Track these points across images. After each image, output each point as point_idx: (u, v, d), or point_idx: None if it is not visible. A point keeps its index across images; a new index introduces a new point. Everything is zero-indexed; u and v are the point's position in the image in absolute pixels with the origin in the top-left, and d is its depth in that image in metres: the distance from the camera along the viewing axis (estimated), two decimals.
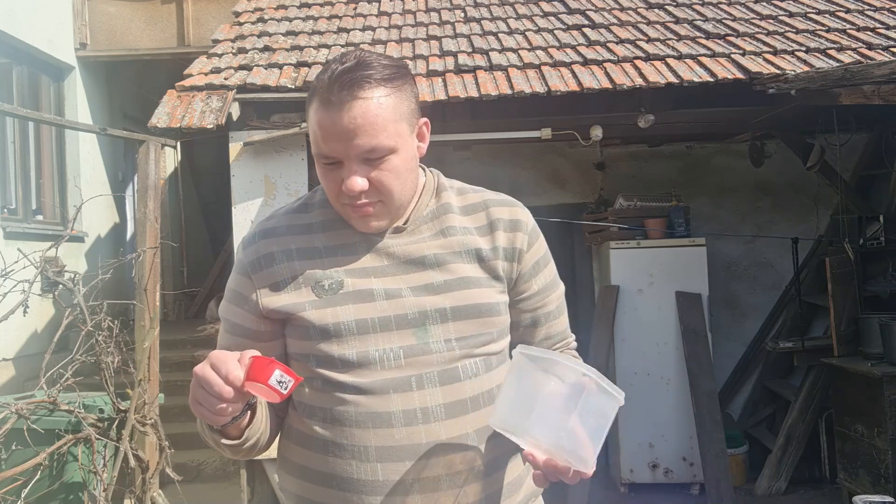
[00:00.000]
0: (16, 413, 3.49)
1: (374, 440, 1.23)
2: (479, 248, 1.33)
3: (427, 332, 1.26)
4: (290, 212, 1.39)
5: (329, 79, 1.22)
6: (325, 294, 1.27)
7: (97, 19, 7.25)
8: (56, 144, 6.90)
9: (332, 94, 1.20)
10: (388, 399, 1.23)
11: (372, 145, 1.21)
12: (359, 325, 1.25)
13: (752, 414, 5.82)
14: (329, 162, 1.24)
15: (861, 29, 5.02)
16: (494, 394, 1.28)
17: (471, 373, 1.27)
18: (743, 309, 5.95)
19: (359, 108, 1.20)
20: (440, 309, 1.27)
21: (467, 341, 1.28)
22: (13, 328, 5.25)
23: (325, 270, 1.29)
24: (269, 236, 1.34)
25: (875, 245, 4.90)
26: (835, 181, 5.21)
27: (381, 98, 1.21)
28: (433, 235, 1.33)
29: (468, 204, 1.38)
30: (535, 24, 5.43)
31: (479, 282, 1.31)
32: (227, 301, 1.37)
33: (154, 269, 4.15)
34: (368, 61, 1.23)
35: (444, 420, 1.23)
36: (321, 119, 1.22)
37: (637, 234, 5.24)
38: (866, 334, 4.57)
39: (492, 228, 1.35)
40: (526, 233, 1.38)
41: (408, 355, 1.25)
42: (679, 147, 6.01)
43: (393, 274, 1.29)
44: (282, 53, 4.93)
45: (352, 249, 1.31)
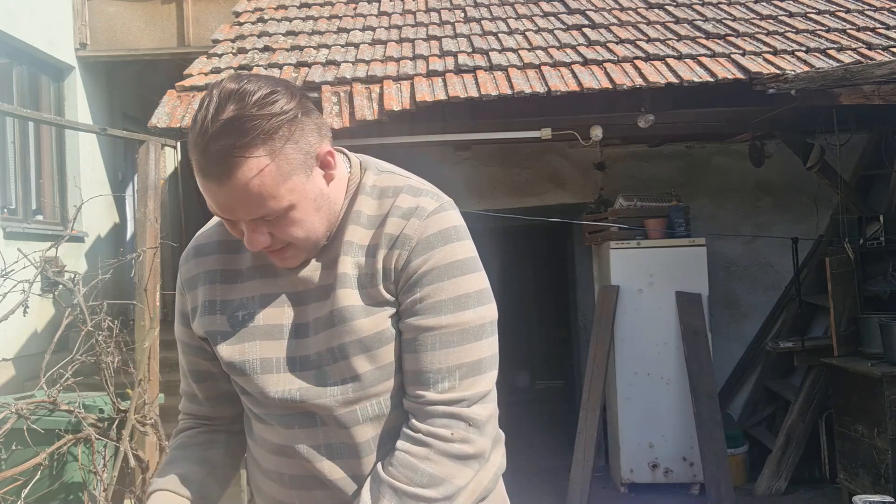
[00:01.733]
0: (16, 413, 3.49)
1: (288, 469, 1.26)
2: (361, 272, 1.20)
3: (325, 374, 1.20)
4: (221, 225, 1.29)
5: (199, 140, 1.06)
6: (238, 325, 1.24)
7: (97, 19, 7.25)
8: (56, 144, 6.90)
9: (205, 161, 1.07)
10: (294, 434, 1.23)
11: (260, 214, 1.11)
12: (263, 364, 1.23)
13: (752, 414, 5.82)
14: (226, 219, 1.16)
15: (861, 29, 5.02)
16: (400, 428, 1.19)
17: (371, 414, 1.20)
18: (743, 309, 5.96)
19: (236, 185, 1.07)
20: (330, 349, 1.19)
21: (361, 381, 1.18)
22: (13, 328, 5.24)
23: (242, 298, 1.26)
24: (199, 255, 1.32)
25: (875, 245, 4.90)
26: (835, 181, 5.21)
27: (261, 168, 1.06)
28: (342, 254, 1.21)
29: (376, 214, 1.21)
30: (535, 24, 5.43)
31: (365, 310, 1.18)
32: (176, 319, 1.37)
33: (154, 269, 4.15)
34: (240, 116, 1.04)
35: (348, 458, 1.22)
36: (202, 186, 1.10)
37: (637, 234, 5.24)
38: (866, 334, 4.57)
39: (377, 247, 1.19)
40: (407, 249, 1.17)
41: (305, 399, 1.20)
42: (679, 147, 6.01)
43: (303, 304, 1.23)
44: (282, 53, 4.93)
45: (270, 271, 1.25)
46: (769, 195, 5.96)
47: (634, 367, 5.16)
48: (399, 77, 4.53)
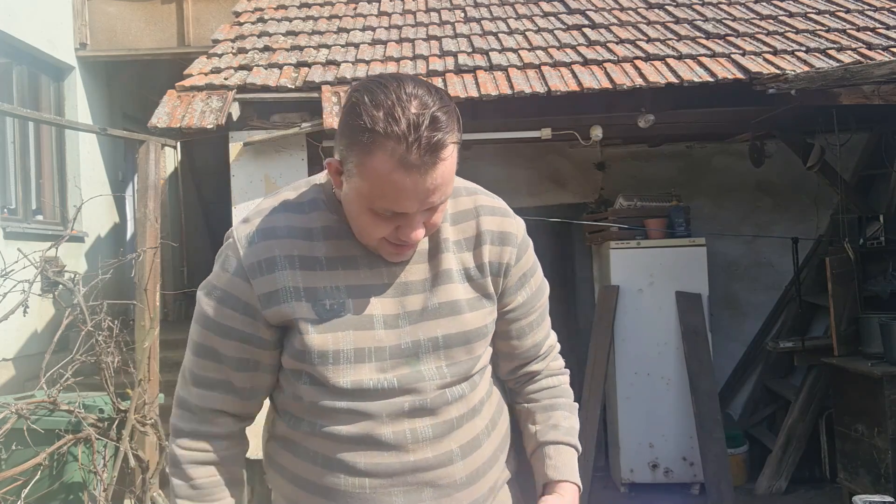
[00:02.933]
0: (16, 413, 3.49)
1: (364, 459, 1.26)
2: (468, 265, 1.31)
3: (419, 361, 1.27)
4: (286, 210, 1.30)
5: (409, 136, 1.11)
6: (326, 315, 1.24)
7: (97, 19, 7.25)
8: (56, 144, 6.90)
9: (411, 154, 1.11)
10: (381, 423, 1.25)
11: (443, 199, 1.20)
12: (356, 354, 1.24)
13: (753, 414, 5.82)
14: (388, 215, 1.19)
15: (861, 29, 5.01)
16: (478, 409, 1.33)
17: (458, 395, 1.29)
18: (743, 309, 5.95)
19: (440, 170, 1.15)
20: (433, 339, 1.27)
21: (457, 368, 1.29)
22: (13, 328, 5.24)
23: (326, 286, 1.25)
24: (269, 237, 1.26)
25: (875, 245, 4.90)
26: (835, 181, 5.21)
27: (453, 153, 1.17)
28: (430, 252, 1.30)
29: (459, 210, 1.34)
30: (535, 24, 5.43)
31: (472, 304, 1.30)
32: (220, 303, 1.27)
33: (154, 269, 4.15)
34: (435, 116, 1.13)
35: (431, 440, 1.27)
36: (399, 180, 1.13)
37: (637, 234, 5.24)
38: (866, 334, 4.57)
39: (479, 241, 1.32)
40: (515, 246, 1.35)
41: (401, 384, 1.25)
42: (679, 147, 6.01)
43: (392, 296, 1.27)
44: (282, 53, 4.93)
45: (352, 263, 1.27)
46: (769, 195, 5.96)
47: (634, 367, 5.16)
48: None
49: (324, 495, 1.28)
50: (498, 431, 1.39)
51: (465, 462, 1.29)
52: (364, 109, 1.13)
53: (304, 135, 4.40)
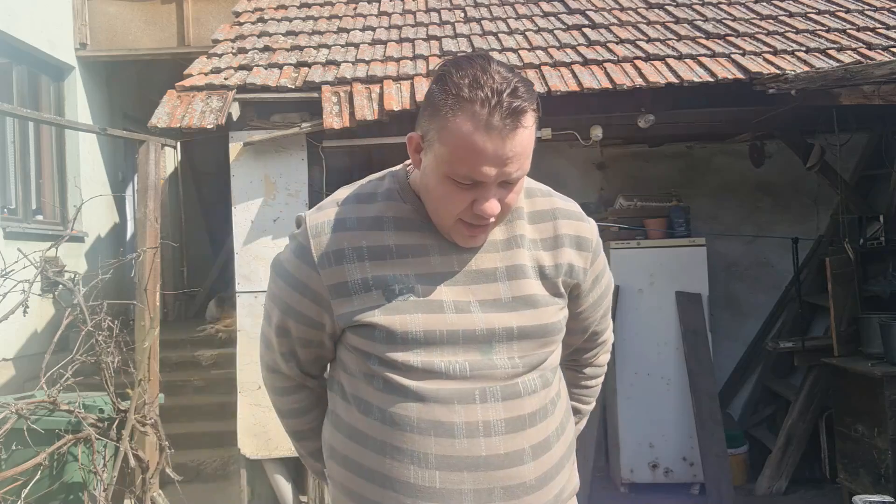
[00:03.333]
0: (16, 413, 3.49)
1: (435, 448, 1.24)
2: (545, 264, 1.34)
3: (492, 349, 1.27)
4: (358, 201, 1.34)
5: (492, 98, 1.16)
6: (395, 299, 1.26)
7: (97, 19, 7.25)
8: (56, 144, 6.90)
9: (494, 117, 1.15)
10: (452, 409, 1.24)
11: (521, 171, 1.22)
12: (427, 336, 1.25)
13: (753, 414, 5.82)
14: (466, 183, 1.21)
15: (861, 29, 5.01)
16: (549, 409, 1.32)
17: (530, 389, 1.29)
18: (743, 309, 5.95)
19: (520, 137, 1.18)
20: (507, 328, 1.28)
21: (529, 359, 1.29)
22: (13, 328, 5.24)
23: (395, 274, 1.27)
24: (339, 229, 1.30)
25: (875, 245, 4.90)
26: (835, 181, 5.21)
27: (532, 125, 1.21)
28: (505, 244, 1.32)
29: (536, 210, 1.38)
30: (535, 24, 5.43)
31: (545, 300, 1.32)
32: (288, 286, 1.33)
33: (154, 269, 4.15)
34: (517, 86, 1.18)
35: (503, 435, 1.25)
36: (479, 142, 1.16)
37: (637, 234, 5.24)
38: (866, 334, 4.57)
39: (557, 244, 1.36)
40: (590, 250, 1.40)
41: (473, 369, 1.25)
42: (679, 147, 6.01)
43: (463, 284, 1.29)
44: (282, 53, 4.93)
45: (422, 251, 1.29)
46: (769, 195, 5.96)
47: (634, 367, 5.16)
48: (399, 77, 4.53)
49: (392, 488, 1.26)
50: (566, 437, 1.38)
51: (536, 463, 1.28)
52: (450, 78, 1.19)
53: (304, 135, 4.40)
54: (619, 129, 4.82)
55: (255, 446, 4.31)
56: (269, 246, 4.41)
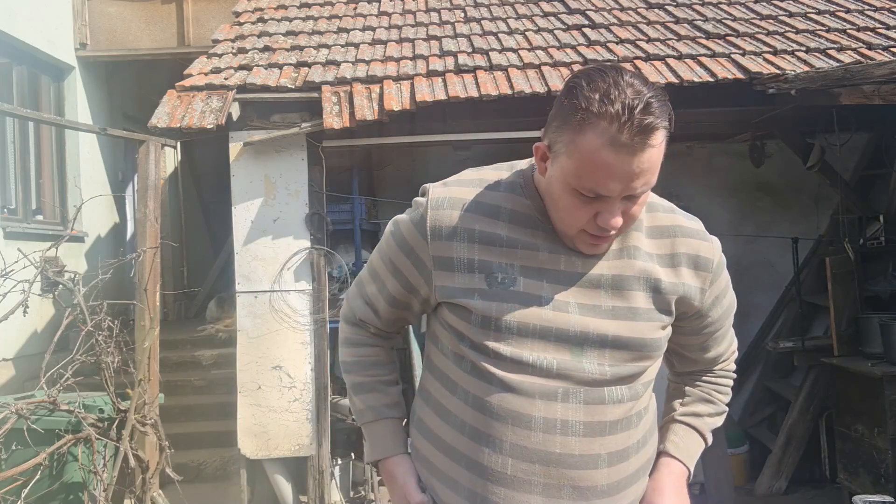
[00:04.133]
0: (16, 413, 3.49)
1: (511, 437, 1.26)
2: (659, 278, 1.32)
3: (583, 353, 1.27)
4: (481, 185, 1.35)
5: (622, 115, 1.14)
6: (496, 286, 1.27)
7: (97, 19, 7.25)
8: (56, 144, 6.90)
9: (623, 134, 1.15)
10: (533, 403, 1.25)
11: (647, 187, 1.23)
12: (520, 327, 1.26)
13: (753, 414, 5.81)
14: (591, 196, 1.21)
15: (861, 29, 5.01)
16: (633, 421, 1.32)
17: (616, 398, 1.28)
18: (743, 309, 5.86)
19: (647, 154, 1.18)
20: (601, 335, 1.27)
21: (619, 369, 1.28)
22: (13, 328, 5.24)
23: (501, 262, 1.29)
24: (457, 208, 1.32)
25: (875, 245, 4.90)
26: (835, 181, 5.21)
27: (662, 141, 1.20)
28: (616, 253, 1.31)
29: (657, 225, 1.37)
30: (535, 24, 5.43)
31: (649, 315, 1.31)
32: (397, 245, 1.37)
33: (154, 269, 4.16)
34: (650, 102, 1.16)
35: (580, 437, 1.26)
36: (607, 158, 1.16)
37: None
38: (866, 334, 4.57)
39: (674, 262, 1.34)
40: (710, 271, 1.37)
41: (560, 368, 1.26)
42: (679, 147, 6.00)
43: (566, 285, 1.29)
44: (282, 53, 4.93)
45: (532, 247, 1.30)
46: (769, 195, 5.96)
47: None
48: (399, 77, 4.53)
49: (466, 466, 1.29)
50: (646, 451, 1.38)
51: (611, 470, 1.28)
52: (580, 92, 1.18)
53: (304, 135, 4.40)
54: None
55: (255, 446, 4.31)
56: (269, 246, 4.41)
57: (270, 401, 4.33)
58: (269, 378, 4.35)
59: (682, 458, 1.43)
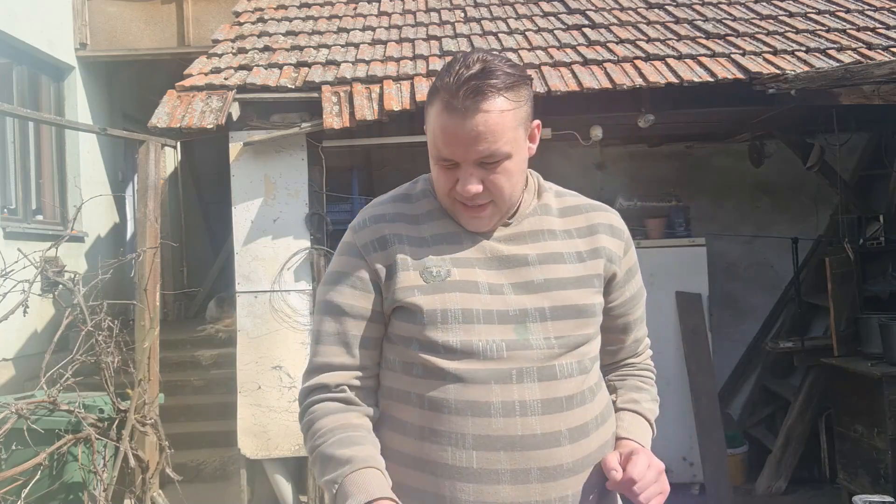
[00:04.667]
0: (16, 413, 3.49)
1: (472, 428, 1.26)
2: (581, 250, 1.39)
3: (527, 329, 1.31)
4: (395, 200, 1.43)
5: (454, 83, 1.25)
6: (433, 280, 1.32)
7: (97, 19, 7.25)
8: (56, 144, 6.90)
9: (456, 100, 1.25)
10: (489, 389, 1.27)
11: (491, 151, 1.27)
12: (464, 314, 1.29)
13: (752, 414, 5.82)
14: (447, 164, 1.31)
15: (861, 29, 5.02)
16: (587, 396, 1.35)
17: (567, 373, 1.32)
18: (743, 309, 5.95)
19: (482, 117, 1.25)
20: (539, 308, 1.32)
21: (565, 340, 1.32)
22: (13, 328, 5.25)
23: (432, 258, 1.34)
24: (379, 221, 1.39)
25: (875, 245, 4.90)
26: (835, 181, 5.21)
27: (503, 108, 1.26)
28: (534, 235, 1.38)
29: (566, 206, 1.45)
30: (535, 24, 5.43)
31: (578, 282, 1.36)
32: (339, 284, 1.38)
33: (154, 269, 4.16)
34: (492, 68, 1.26)
35: (540, 415, 1.28)
36: (444, 123, 1.27)
37: (637, 234, 5.24)
38: (866, 334, 4.57)
39: (591, 231, 1.43)
40: (623, 239, 1.46)
41: (509, 348, 1.29)
42: (679, 147, 6.01)
43: (496, 269, 1.34)
44: (282, 53, 4.93)
45: (456, 239, 1.36)
46: (769, 195, 5.96)
47: None
48: (399, 77, 4.53)
49: (431, 471, 1.28)
50: (607, 429, 1.40)
51: (573, 447, 1.30)
52: (438, 73, 1.32)
53: (304, 135, 4.40)
54: (619, 129, 4.83)
55: (255, 446, 4.31)
56: (269, 246, 4.41)
57: (270, 401, 4.33)
58: (269, 378, 4.35)
59: (636, 438, 1.44)
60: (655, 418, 1.58)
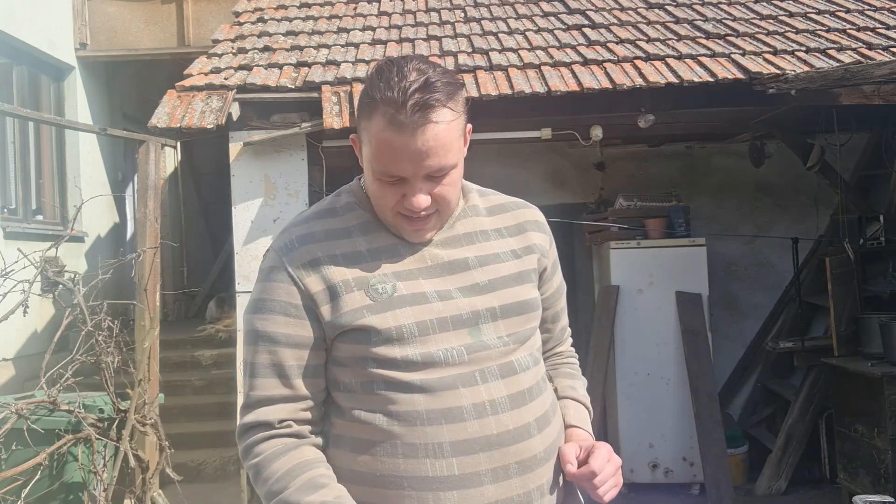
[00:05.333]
0: (16, 413, 3.49)
1: (448, 435, 1.25)
2: (514, 248, 1.41)
3: (480, 330, 1.31)
4: (319, 217, 1.37)
5: (399, 97, 1.21)
6: (379, 297, 1.28)
7: (97, 19, 7.25)
8: (56, 144, 6.91)
9: (403, 115, 1.20)
10: (458, 394, 1.26)
11: (441, 165, 1.25)
12: (420, 327, 1.27)
13: (752, 414, 5.82)
14: (392, 180, 1.26)
15: (861, 29, 5.01)
16: (542, 386, 1.38)
17: (524, 366, 1.34)
18: (743, 309, 5.95)
19: (431, 131, 1.22)
20: (490, 308, 1.33)
21: (517, 336, 1.34)
22: (13, 328, 5.24)
23: (375, 274, 1.30)
24: (308, 242, 1.32)
25: (875, 245, 4.90)
26: (835, 181, 5.21)
27: (449, 119, 1.24)
28: (468, 238, 1.38)
29: (493, 205, 1.46)
30: (535, 24, 5.43)
31: (520, 278, 1.38)
32: (275, 314, 1.29)
33: (154, 269, 4.15)
34: (432, 80, 1.23)
35: (510, 411, 1.29)
36: (391, 139, 1.22)
37: (637, 234, 5.24)
38: (866, 334, 4.57)
39: (521, 229, 1.44)
40: (547, 234, 1.49)
41: (469, 352, 1.29)
42: (679, 147, 6.01)
43: (439, 275, 1.33)
44: (282, 53, 4.93)
45: (394, 252, 1.33)
46: (769, 195, 5.96)
47: (634, 367, 5.16)
48: None
49: (411, 487, 1.24)
50: (559, 415, 1.43)
51: (542, 436, 1.32)
52: (371, 82, 1.26)
53: (304, 135, 4.40)
54: (619, 129, 4.82)
55: None
56: None
57: None
58: None
59: (585, 427, 1.47)
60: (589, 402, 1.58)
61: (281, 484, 1.25)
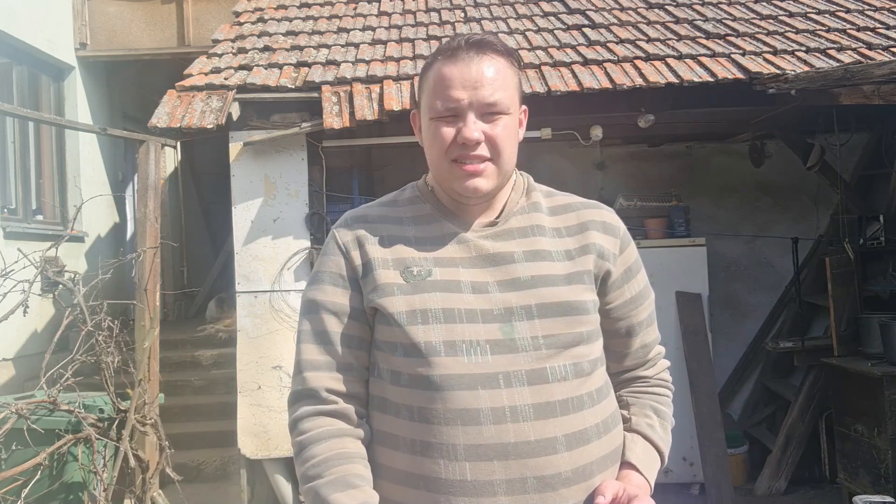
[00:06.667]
0: (16, 413, 3.49)
1: (463, 438, 1.21)
2: (570, 248, 1.36)
3: (513, 328, 1.25)
4: (380, 205, 1.44)
5: (455, 43, 1.32)
6: (412, 279, 1.29)
7: (97, 19, 7.25)
8: (56, 144, 6.90)
9: (460, 51, 1.31)
10: (477, 395, 1.21)
11: (495, 98, 1.29)
12: (446, 313, 1.26)
13: (752, 414, 5.82)
14: (447, 114, 1.30)
15: (861, 29, 5.02)
16: (585, 402, 1.26)
17: (560, 375, 1.25)
18: (743, 309, 5.95)
19: (487, 63, 1.30)
20: (525, 306, 1.27)
21: (554, 340, 1.26)
22: (13, 328, 5.25)
23: (414, 258, 1.32)
24: (361, 222, 1.39)
25: (875, 245, 4.90)
26: (835, 181, 5.21)
27: (504, 64, 1.32)
28: (522, 232, 1.36)
29: (557, 205, 1.43)
30: (535, 24, 5.43)
31: (569, 278, 1.31)
32: (324, 284, 1.36)
33: (154, 269, 4.16)
34: (490, 39, 1.33)
35: (532, 421, 1.21)
36: (447, 71, 1.30)
37: (637, 234, 5.24)
38: (866, 334, 4.57)
39: (582, 229, 1.39)
40: (618, 237, 1.42)
41: (494, 350, 1.24)
42: (679, 147, 6.01)
43: (480, 267, 1.31)
44: (282, 53, 4.93)
45: (440, 241, 1.34)
46: (769, 195, 5.96)
47: None
48: (399, 77, 4.53)
49: (425, 487, 1.22)
50: (611, 439, 1.32)
51: (572, 455, 1.22)
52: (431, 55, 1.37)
53: (304, 135, 4.40)
54: (619, 129, 4.82)
55: (255, 446, 4.31)
56: (269, 246, 4.41)
57: (270, 401, 4.33)
58: (269, 378, 4.35)
59: (644, 472, 1.37)
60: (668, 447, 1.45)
61: (316, 470, 1.25)
